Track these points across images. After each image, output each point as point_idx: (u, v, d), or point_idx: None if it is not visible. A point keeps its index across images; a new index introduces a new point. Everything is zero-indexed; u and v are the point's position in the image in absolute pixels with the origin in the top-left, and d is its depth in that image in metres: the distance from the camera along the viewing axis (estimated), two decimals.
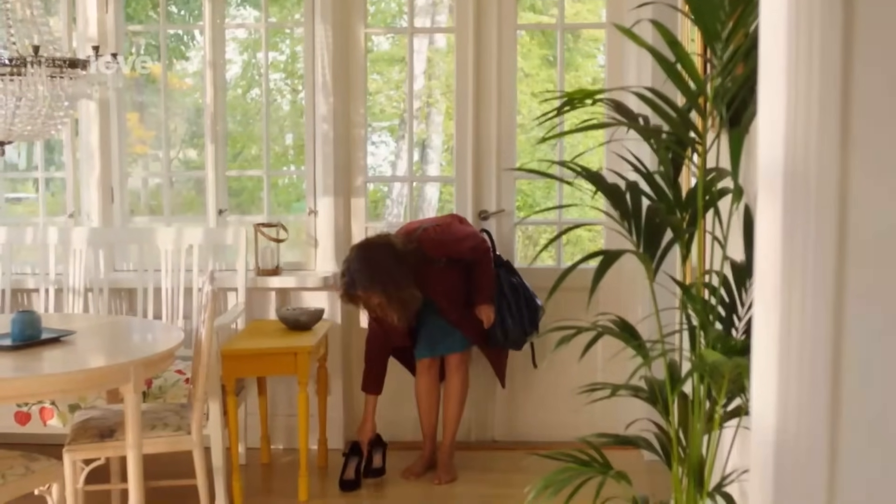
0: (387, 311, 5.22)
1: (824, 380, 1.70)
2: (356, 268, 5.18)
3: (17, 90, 4.35)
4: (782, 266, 1.69)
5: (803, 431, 1.70)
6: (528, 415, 6.07)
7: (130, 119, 7.71)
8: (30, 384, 4.11)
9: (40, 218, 6.25)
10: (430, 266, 5.34)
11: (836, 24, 1.63)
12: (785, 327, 1.70)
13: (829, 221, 1.67)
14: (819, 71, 1.64)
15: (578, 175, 3.17)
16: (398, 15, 9.61)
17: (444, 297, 5.42)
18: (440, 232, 5.39)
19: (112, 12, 5.98)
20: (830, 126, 1.65)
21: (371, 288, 5.16)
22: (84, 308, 5.85)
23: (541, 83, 8.93)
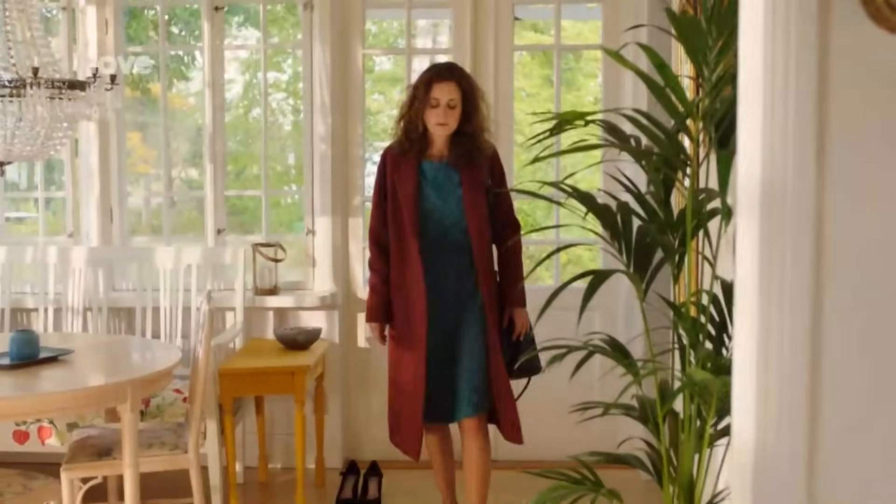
0: (452, 113, 4.65)
1: (802, 396, 1.72)
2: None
3: (16, 111, 4.40)
4: (759, 284, 1.72)
5: (782, 448, 1.73)
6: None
7: (133, 138, 7.76)
8: (27, 403, 4.14)
9: (40, 237, 6.29)
10: (476, 184, 4.72)
11: (811, 47, 1.66)
12: (763, 344, 1.73)
13: (806, 240, 1.70)
14: (794, 93, 1.67)
15: (569, 196, 3.20)
16: (400, 35, 9.67)
17: (476, 229, 4.70)
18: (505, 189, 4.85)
19: (112, 34, 6.02)
20: (806, 147, 1.68)
21: (469, 79, 4.74)
22: (83, 327, 5.89)
23: (542, 103, 8.96)
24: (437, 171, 4.74)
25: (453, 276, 4.71)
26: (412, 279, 4.70)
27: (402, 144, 4.75)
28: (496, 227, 4.80)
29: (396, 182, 4.72)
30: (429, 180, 4.73)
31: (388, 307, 4.81)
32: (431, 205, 4.71)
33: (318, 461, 5.79)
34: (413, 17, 6.34)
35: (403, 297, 4.75)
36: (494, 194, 4.76)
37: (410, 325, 4.71)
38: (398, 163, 4.75)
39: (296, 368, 5.24)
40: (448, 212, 4.70)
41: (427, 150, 4.75)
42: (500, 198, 4.80)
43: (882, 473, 1.80)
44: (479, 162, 4.71)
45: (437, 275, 4.69)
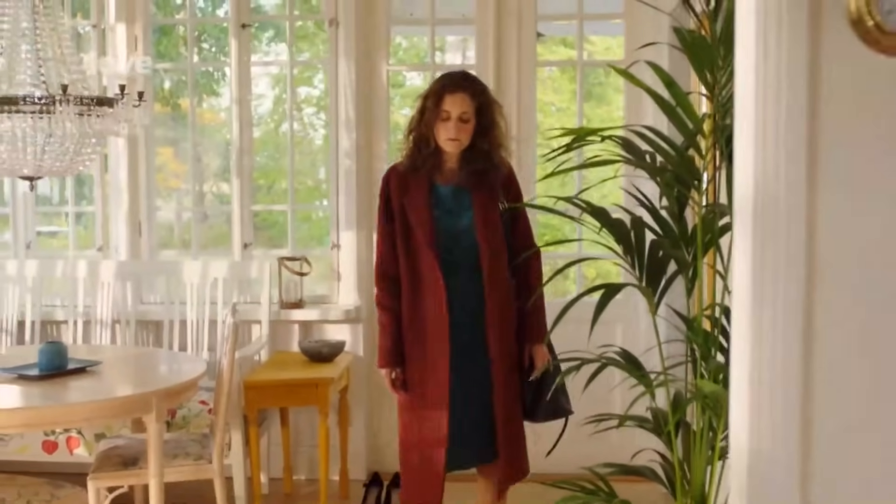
0: (464, 128, 4.22)
1: (795, 402, 1.77)
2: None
3: (46, 127, 4.49)
4: (752, 292, 1.77)
5: (776, 454, 1.77)
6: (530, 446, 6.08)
7: (165, 153, 7.87)
8: (55, 413, 4.23)
9: (70, 251, 6.40)
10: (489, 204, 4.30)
11: (801, 65, 1.71)
12: (756, 352, 1.78)
13: (798, 249, 1.75)
14: (786, 109, 1.73)
15: (584, 210, 3.26)
16: (431, 49, 9.75)
17: (488, 253, 4.25)
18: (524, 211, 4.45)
19: (141, 50, 6.13)
20: (797, 160, 1.73)
21: (484, 91, 4.31)
22: (112, 339, 5.98)
23: (572, 117, 9.02)
24: (449, 195, 4.29)
25: (465, 306, 4.24)
26: (432, 308, 4.23)
27: (413, 160, 4.28)
28: (512, 253, 4.31)
29: (406, 204, 4.26)
30: (440, 201, 4.29)
31: (402, 349, 4.32)
32: (442, 225, 4.26)
33: (342, 473, 5.85)
34: (437, 33, 6.41)
35: (419, 333, 4.27)
36: (510, 217, 4.31)
37: (428, 363, 4.24)
38: (406, 183, 4.29)
39: (320, 381, 5.30)
40: (459, 235, 4.26)
41: (439, 168, 4.29)
42: (517, 220, 4.37)
43: (875, 479, 1.84)
44: (494, 181, 4.28)
45: (454, 304, 4.22)
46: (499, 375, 4.24)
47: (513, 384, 4.30)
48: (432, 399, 4.22)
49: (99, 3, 6.17)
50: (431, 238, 4.22)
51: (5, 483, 4.23)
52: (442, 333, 4.20)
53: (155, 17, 6.44)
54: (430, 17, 6.17)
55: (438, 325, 4.20)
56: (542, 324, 4.33)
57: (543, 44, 8.68)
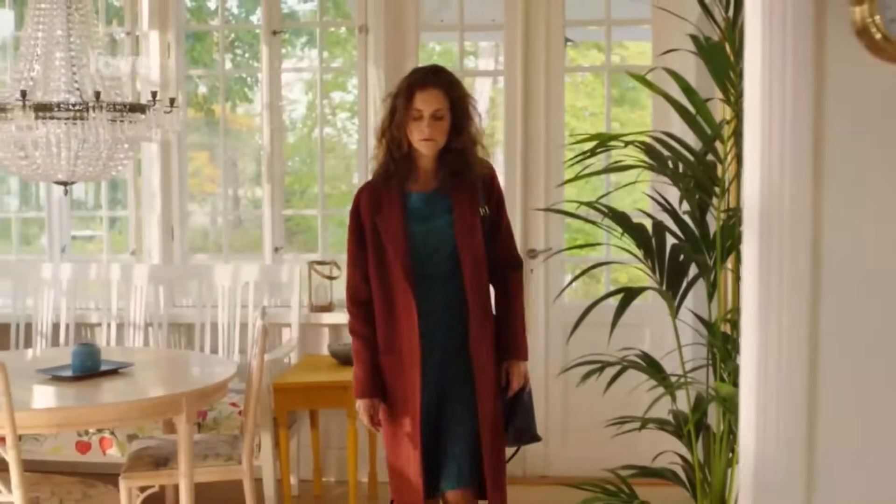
0: (438, 126, 3.85)
1: (800, 404, 1.81)
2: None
3: (80, 133, 4.57)
4: (759, 297, 1.80)
5: (780, 455, 1.81)
6: (557, 448, 6.12)
7: (200, 158, 7.97)
8: (88, 413, 4.31)
9: (104, 255, 6.50)
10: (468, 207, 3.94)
11: (807, 73, 1.75)
12: (762, 356, 1.81)
13: (803, 256, 1.79)
14: (791, 117, 1.76)
15: (605, 215, 3.30)
16: (464, 56, 9.80)
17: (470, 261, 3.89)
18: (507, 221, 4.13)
19: (174, 57, 6.21)
20: (802, 168, 1.77)
21: (457, 84, 3.96)
22: (144, 342, 6.07)
23: (606, 122, 9.05)
24: (425, 202, 3.93)
25: (445, 321, 3.90)
26: (406, 337, 3.86)
27: (386, 167, 3.93)
28: (493, 266, 3.99)
29: (378, 223, 3.89)
30: (415, 212, 3.92)
31: (380, 379, 3.95)
32: (418, 238, 3.89)
33: (370, 475, 5.90)
34: (467, 38, 6.45)
35: (395, 361, 3.93)
36: (492, 224, 3.98)
37: (403, 390, 3.91)
38: (378, 200, 3.93)
39: (348, 383, 5.31)
40: (436, 242, 3.91)
41: (412, 175, 3.94)
42: (498, 229, 4.02)
43: (880, 483, 1.87)
44: (473, 183, 3.93)
45: (429, 323, 3.87)
46: (485, 403, 3.89)
47: (498, 409, 3.96)
48: (407, 433, 3.91)
49: (132, 11, 6.26)
50: (406, 258, 3.85)
51: (39, 482, 4.31)
52: (414, 365, 3.85)
53: (188, 24, 6.53)
54: (458, 23, 6.22)
55: (411, 355, 3.86)
56: (523, 340, 4.04)
57: (576, 48, 8.72)
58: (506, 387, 4.01)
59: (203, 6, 7.97)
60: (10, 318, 6.21)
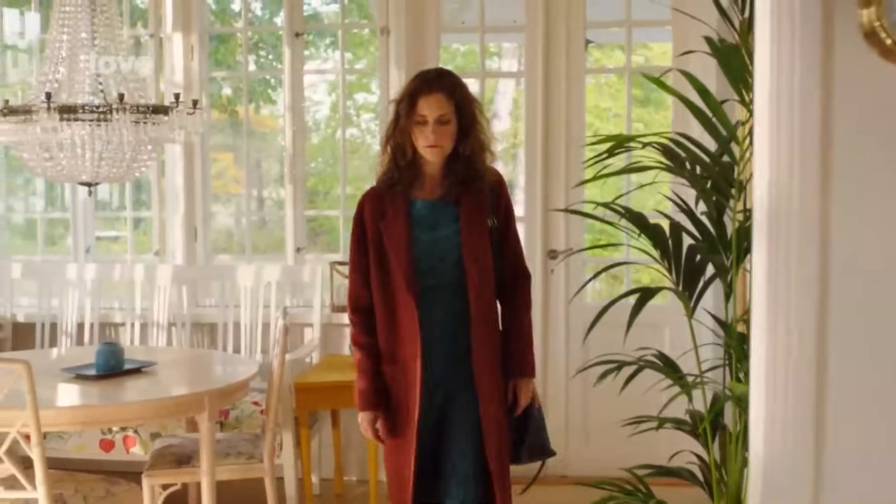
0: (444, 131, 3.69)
1: (809, 402, 1.83)
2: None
3: (103, 134, 4.63)
4: (767, 301, 1.82)
5: (789, 453, 1.83)
6: (578, 448, 6.14)
7: (225, 159, 8.02)
8: (111, 411, 4.38)
9: (128, 255, 6.56)
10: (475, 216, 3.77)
11: (815, 76, 1.77)
12: (771, 353, 1.84)
13: (812, 258, 1.81)
14: (799, 120, 1.78)
15: (622, 216, 3.32)
16: (487, 56, 9.80)
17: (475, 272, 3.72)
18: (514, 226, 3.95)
19: (197, 59, 6.27)
20: (811, 170, 1.79)
21: (462, 87, 3.80)
22: (168, 341, 6.12)
23: (632, 122, 9.07)
24: (430, 210, 3.78)
25: (448, 333, 3.73)
26: (407, 344, 3.71)
27: (390, 175, 3.77)
28: (500, 279, 3.82)
29: (382, 229, 3.75)
30: (420, 220, 3.77)
31: (383, 390, 3.78)
32: (422, 247, 3.74)
33: None
34: (487, 40, 6.48)
35: (397, 370, 3.77)
36: (499, 236, 3.81)
37: (404, 399, 3.75)
38: (382, 206, 3.78)
39: None
40: (441, 252, 3.75)
41: (417, 182, 3.78)
42: (506, 240, 3.84)
43: (885, 483, 1.89)
44: (480, 191, 3.77)
45: (431, 334, 3.70)
46: (490, 423, 3.70)
47: (504, 428, 3.79)
48: (403, 440, 3.74)
49: (156, 13, 6.32)
50: (409, 267, 3.70)
51: (63, 479, 4.36)
52: (415, 375, 3.68)
53: (211, 26, 6.59)
54: (479, 25, 6.25)
55: (413, 366, 3.69)
56: (530, 356, 3.85)
57: (601, 49, 8.73)
58: (513, 405, 3.83)
59: (227, 8, 8.01)
60: (35, 318, 6.28)
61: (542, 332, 6.07)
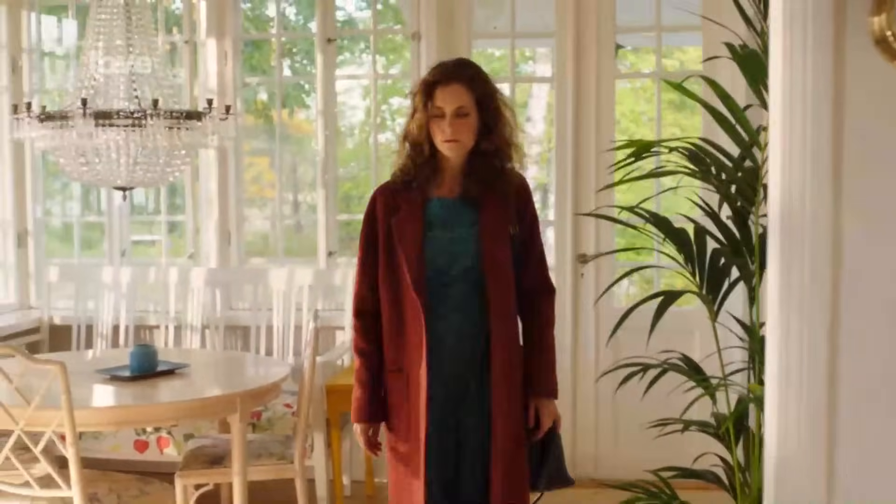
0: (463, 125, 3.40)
1: (821, 407, 1.86)
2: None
3: (138, 140, 4.70)
4: (780, 302, 1.86)
5: (803, 455, 1.86)
6: (599, 451, 6.16)
7: (261, 163, 8.10)
8: (144, 412, 4.44)
9: (163, 259, 6.65)
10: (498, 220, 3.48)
11: (826, 82, 1.80)
12: (783, 356, 1.87)
13: (824, 264, 1.84)
14: (811, 127, 1.81)
15: (647, 221, 3.35)
16: (523, 60, 9.83)
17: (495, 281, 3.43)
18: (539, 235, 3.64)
19: (231, 65, 6.34)
20: (822, 177, 1.82)
21: (483, 77, 3.51)
22: (201, 344, 6.20)
23: (667, 127, 9.08)
24: (448, 210, 3.49)
25: (461, 344, 3.44)
26: (414, 356, 3.41)
27: (406, 172, 3.50)
28: (521, 291, 3.52)
29: (393, 227, 3.46)
30: (436, 219, 3.48)
31: (381, 401, 3.56)
32: (435, 246, 3.45)
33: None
34: (518, 45, 6.52)
35: (401, 382, 3.49)
36: (522, 247, 3.51)
37: (408, 417, 3.46)
38: (395, 202, 3.50)
39: None
40: (455, 253, 3.45)
41: (436, 179, 3.49)
42: (531, 250, 3.54)
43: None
44: (504, 192, 3.48)
45: (443, 348, 3.41)
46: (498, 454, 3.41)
47: (519, 459, 3.49)
48: (411, 464, 3.46)
49: (190, 19, 6.41)
50: (420, 267, 3.41)
51: (97, 478, 4.43)
52: (420, 391, 3.40)
53: (246, 32, 6.66)
54: (510, 31, 6.28)
55: (418, 380, 3.40)
56: (553, 376, 3.54)
57: (637, 53, 8.76)
58: (534, 428, 3.52)
59: (261, 14, 8.10)
60: (71, 321, 6.38)
61: (572, 336, 6.10)
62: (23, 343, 6.08)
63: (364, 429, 3.58)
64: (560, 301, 6.12)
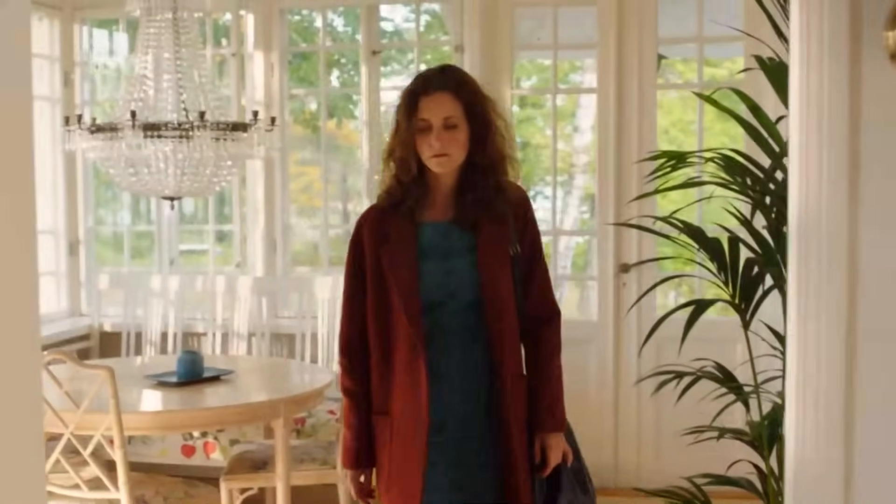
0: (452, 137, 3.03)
1: (838, 412, 1.90)
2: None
3: (185, 151, 4.81)
4: (797, 309, 1.91)
5: (821, 460, 1.90)
6: (650, 459, 6.18)
7: (311, 173, 8.20)
8: (190, 416, 4.55)
9: (210, 267, 6.77)
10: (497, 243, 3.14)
11: (842, 91, 1.85)
12: (801, 358, 1.92)
13: (840, 271, 1.88)
14: (828, 135, 1.86)
15: (680, 231, 3.40)
16: (572, 70, 9.86)
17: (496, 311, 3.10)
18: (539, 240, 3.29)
19: (277, 76, 6.45)
20: (839, 185, 1.87)
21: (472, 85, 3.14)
22: (248, 351, 6.31)
23: (715, 136, 9.07)
24: (442, 236, 3.14)
25: (464, 389, 3.10)
26: (409, 400, 3.06)
27: (393, 194, 3.14)
28: (524, 317, 3.19)
29: (383, 257, 3.09)
30: (430, 247, 3.12)
31: (373, 445, 3.18)
32: (431, 279, 3.09)
33: None
34: (560, 57, 6.58)
35: (392, 427, 3.12)
36: (525, 268, 3.17)
37: (403, 467, 3.10)
38: (383, 229, 3.13)
39: None
40: (453, 286, 3.10)
41: (426, 201, 3.13)
42: (533, 274, 3.20)
43: None
44: (503, 213, 3.14)
45: (441, 390, 3.06)
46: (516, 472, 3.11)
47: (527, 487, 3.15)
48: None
49: (238, 32, 6.52)
50: (414, 303, 3.06)
51: (145, 481, 4.54)
52: (416, 440, 3.06)
53: (294, 44, 6.77)
54: (553, 42, 6.34)
55: (413, 428, 3.07)
56: (561, 408, 3.22)
57: (686, 63, 8.77)
58: (540, 464, 3.18)
59: (310, 26, 8.21)
60: (121, 328, 6.51)
61: (614, 346, 6.15)
62: (74, 349, 6.20)
63: (354, 476, 3.23)
64: (602, 310, 6.21)
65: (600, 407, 6.14)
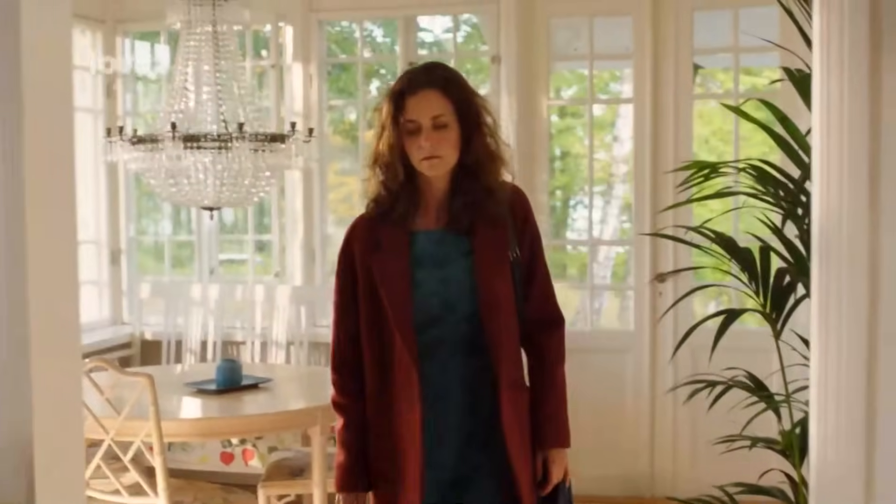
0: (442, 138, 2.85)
1: (860, 417, 1.93)
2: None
3: (224, 162, 4.88)
4: (819, 318, 1.93)
5: (840, 467, 1.93)
6: (672, 467, 6.18)
7: (352, 183, 8.26)
8: (229, 423, 4.63)
9: (249, 276, 6.84)
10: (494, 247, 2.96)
11: (863, 98, 1.88)
12: (823, 363, 1.94)
13: (861, 278, 1.91)
14: (848, 146, 1.89)
15: (712, 241, 3.43)
16: (613, 80, 9.87)
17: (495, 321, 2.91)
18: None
19: (316, 87, 6.52)
20: (859, 196, 1.90)
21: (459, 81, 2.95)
22: (286, 359, 6.37)
23: (756, 146, 9.05)
24: (436, 244, 2.95)
25: (462, 405, 2.92)
26: (403, 416, 2.89)
27: (381, 202, 2.95)
28: (525, 324, 3.02)
29: (374, 267, 2.91)
30: (424, 256, 2.94)
31: (365, 466, 2.99)
32: (426, 289, 2.92)
33: None
34: (596, 67, 6.61)
35: (390, 445, 2.94)
36: (524, 273, 3.00)
37: (399, 485, 2.92)
38: (374, 238, 2.95)
39: None
40: (450, 296, 2.92)
41: (418, 207, 2.95)
42: (534, 279, 3.02)
43: None
44: (499, 216, 2.95)
45: (438, 406, 2.91)
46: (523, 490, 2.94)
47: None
48: None
49: (277, 43, 6.60)
50: (408, 316, 2.88)
51: (183, 487, 4.61)
52: (413, 459, 2.89)
53: (332, 54, 6.84)
54: (589, 52, 6.37)
55: (410, 448, 2.90)
56: (564, 423, 3.04)
57: (726, 72, 8.77)
58: (541, 480, 3.01)
59: (349, 37, 8.28)
60: (162, 336, 6.59)
61: (650, 354, 6.16)
62: (115, 357, 6.29)
63: (348, 500, 3.02)
64: (639, 319, 6.23)
65: (637, 416, 6.16)
